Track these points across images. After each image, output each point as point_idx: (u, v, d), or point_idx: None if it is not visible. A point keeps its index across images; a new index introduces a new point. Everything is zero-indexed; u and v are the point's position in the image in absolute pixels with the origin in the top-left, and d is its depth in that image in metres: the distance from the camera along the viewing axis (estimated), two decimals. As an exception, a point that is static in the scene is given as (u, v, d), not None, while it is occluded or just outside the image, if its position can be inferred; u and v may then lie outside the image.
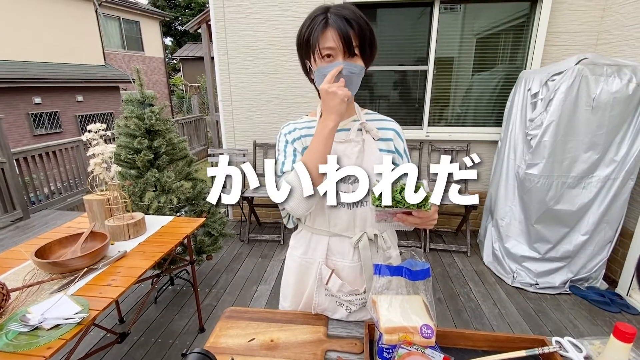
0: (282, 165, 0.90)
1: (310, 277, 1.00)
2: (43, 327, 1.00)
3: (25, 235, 3.33)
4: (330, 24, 0.80)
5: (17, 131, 8.34)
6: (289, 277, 1.05)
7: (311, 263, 0.99)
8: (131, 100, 2.05)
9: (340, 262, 0.97)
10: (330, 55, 0.81)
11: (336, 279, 0.96)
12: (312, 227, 0.98)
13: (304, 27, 0.84)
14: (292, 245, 1.05)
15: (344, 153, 0.90)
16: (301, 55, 0.89)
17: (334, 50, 0.81)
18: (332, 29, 0.79)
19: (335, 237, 0.96)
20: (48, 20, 8.75)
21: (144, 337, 2.03)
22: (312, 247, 0.98)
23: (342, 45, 0.80)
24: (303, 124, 0.96)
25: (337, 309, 1.01)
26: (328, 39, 0.80)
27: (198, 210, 2.32)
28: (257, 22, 3.16)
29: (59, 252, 1.42)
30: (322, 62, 0.83)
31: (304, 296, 1.02)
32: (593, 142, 2.20)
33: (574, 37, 2.87)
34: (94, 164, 1.52)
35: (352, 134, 0.92)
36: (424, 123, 3.29)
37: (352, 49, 0.82)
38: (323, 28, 0.80)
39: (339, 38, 0.79)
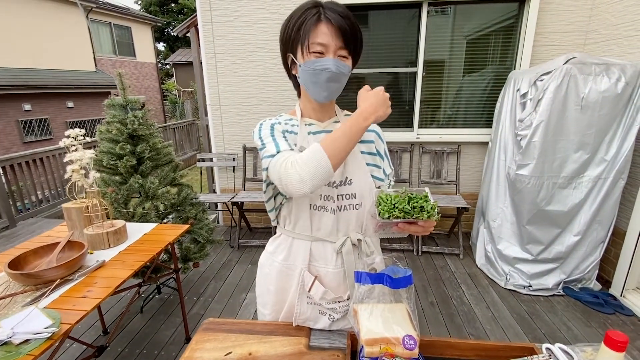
0: (276, 146, 0.79)
1: (291, 284, 0.96)
2: (12, 342, 0.95)
3: (10, 245, 3.24)
4: (325, 18, 0.76)
5: (7, 138, 8.21)
6: (268, 285, 1.00)
7: (292, 269, 0.95)
8: (113, 105, 2.00)
9: (323, 268, 0.93)
10: (320, 52, 0.78)
11: (319, 286, 0.92)
12: (293, 231, 0.94)
13: (293, 18, 0.79)
14: (271, 251, 1.00)
15: None
16: (285, 48, 0.85)
17: (325, 46, 0.77)
18: (327, 24, 0.76)
19: (317, 242, 0.92)
20: (38, 26, 8.66)
21: (128, 348, 1.97)
22: (294, 252, 0.94)
23: (337, 42, 0.77)
24: (284, 121, 0.90)
25: (320, 317, 0.97)
26: (321, 33, 0.76)
27: (184, 217, 2.27)
28: (244, 25, 3.13)
29: (34, 262, 1.36)
30: (310, 56, 0.78)
31: (285, 304, 0.98)
32: (583, 142, 2.19)
33: (563, 37, 2.87)
34: (71, 170, 1.47)
35: None
36: (414, 125, 3.27)
37: (345, 49, 0.79)
38: (316, 21, 0.76)
39: (334, 34, 0.76)
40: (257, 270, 1.06)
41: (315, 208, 0.88)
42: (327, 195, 0.87)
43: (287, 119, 0.92)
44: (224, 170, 3.58)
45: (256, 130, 0.88)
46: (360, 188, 0.89)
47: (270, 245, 1.01)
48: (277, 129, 0.85)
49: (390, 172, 0.98)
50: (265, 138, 0.83)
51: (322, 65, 0.77)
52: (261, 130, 0.86)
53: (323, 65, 0.77)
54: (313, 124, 0.91)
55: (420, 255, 3.03)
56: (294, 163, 0.72)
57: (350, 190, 0.88)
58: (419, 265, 2.87)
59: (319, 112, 0.91)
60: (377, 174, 0.93)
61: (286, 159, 0.74)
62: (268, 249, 1.02)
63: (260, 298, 1.05)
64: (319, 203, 0.88)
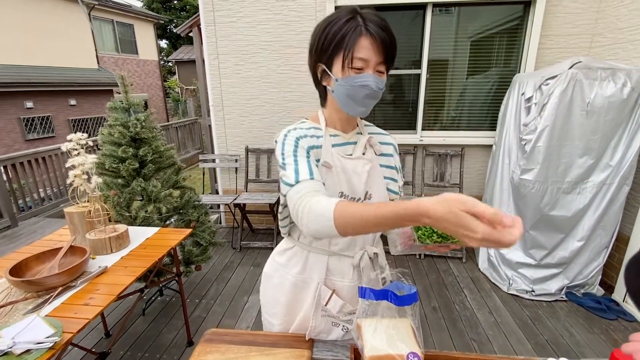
0: (295, 173, 0.75)
1: (305, 297, 0.94)
2: (13, 352, 0.95)
3: (13, 244, 3.25)
4: (367, 31, 0.71)
5: (9, 136, 8.23)
6: (278, 296, 0.98)
7: (308, 283, 0.93)
8: (116, 108, 1.99)
9: (340, 282, 0.92)
10: (360, 68, 0.73)
11: (337, 300, 0.91)
12: (309, 245, 0.92)
13: (330, 27, 0.73)
14: (283, 263, 0.97)
15: (354, 171, 0.84)
16: (317, 58, 0.79)
17: (366, 62, 0.73)
18: (370, 38, 0.71)
19: (334, 256, 0.91)
20: (39, 23, 8.65)
21: (130, 351, 1.97)
22: (309, 266, 0.93)
23: (378, 57, 0.73)
24: (308, 131, 0.85)
25: (333, 329, 0.96)
26: (362, 47, 0.72)
27: (187, 220, 2.26)
28: (247, 26, 3.12)
29: (36, 268, 1.36)
30: (350, 72, 0.74)
31: (297, 317, 0.97)
32: (588, 147, 2.17)
33: (568, 40, 2.84)
34: (73, 175, 1.47)
35: (359, 148, 0.87)
36: (417, 127, 3.25)
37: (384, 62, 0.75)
38: (360, 35, 0.71)
39: (376, 49, 0.72)
40: (263, 280, 1.04)
41: None
42: None
43: (311, 128, 0.86)
44: (227, 171, 3.57)
45: (279, 140, 0.82)
46: (378, 202, 0.87)
47: (280, 256, 0.99)
48: (302, 146, 0.80)
49: (402, 185, 0.97)
50: (287, 157, 0.78)
51: (362, 81, 0.74)
52: (285, 145, 0.80)
53: (363, 81, 0.74)
54: (337, 135, 0.88)
55: (422, 259, 3.02)
56: (307, 212, 0.68)
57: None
58: (421, 268, 2.86)
59: (345, 123, 0.88)
60: (392, 187, 0.92)
61: (301, 199, 0.70)
62: (278, 260, 0.99)
63: (268, 308, 1.02)
64: None
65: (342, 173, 0.84)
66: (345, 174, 0.84)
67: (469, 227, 0.48)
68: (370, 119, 3.30)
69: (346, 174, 0.84)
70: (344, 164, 0.84)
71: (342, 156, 0.84)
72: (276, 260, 1.00)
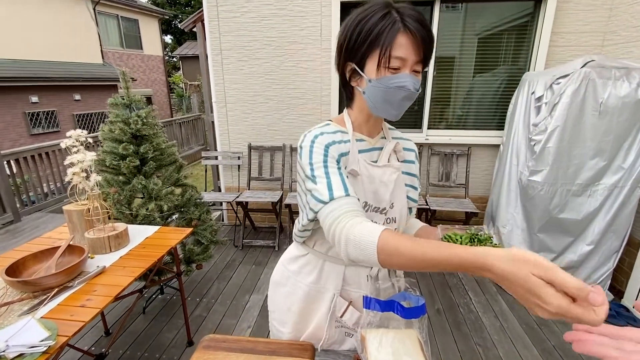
0: (328, 189, 0.69)
1: (319, 307, 0.90)
2: (6, 356, 0.92)
3: (15, 240, 3.25)
4: (405, 27, 0.65)
5: (15, 130, 8.27)
6: (289, 304, 0.94)
7: (323, 293, 0.89)
8: (116, 104, 1.96)
9: (356, 292, 0.88)
10: (397, 68, 0.68)
11: (354, 312, 0.87)
12: (326, 254, 0.87)
13: (367, 23, 0.67)
14: (295, 271, 0.93)
15: (382, 180, 0.79)
16: (347, 57, 0.73)
17: (403, 61, 0.67)
18: (408, 35, 0.65)
19: (351, 266, 0.87)
20: (45, 18, 8.66)
21: (129, 350, 1.95)
22: (325, 275, 0.88)
23: (416, 56, 0.67)
24: (335, 136, 0.77)
25: (346, 340, 0.92)
26: (400, 46, 0.66)
27: (188, 218, 2.24)
28: (251, 22, 3.07)
29: (33, 267, 1.33)
30: (386, 72, 0.68)
31: (309, 326, 0.93)
32: (600, 149, 2.11)
33: (580, 38, 2.77)
34: (71, 173, 1.44)
35: (385, 155, 0.82)
36: (423, 126, 3.20)
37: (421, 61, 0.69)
38: (397, 31, 0.65)
39: (414, 47, 0.66)
40: (272, 287, 1.00)
41: None
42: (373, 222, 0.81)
43: (338, 132, 0.79)
44: (229, 168, 3.54)
45: (306, 145, 0.75)
46: (400, 211, 0.83)
47: (292, 264, 0.94)
48: (332, 154, 0.74)
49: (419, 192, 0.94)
50: (317, 168, 0.72)
51: (399, 82, 0.68)
52: (313, 153, 0.73)
53: (401, 82, 0.68)
54: (363, 139, 0.82)
55: (426, 260, 2.98)
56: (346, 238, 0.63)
57: (392, 214, 0.82)
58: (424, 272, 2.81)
59: (372, 127, 0.83)
60: (412, 195, 0.88)
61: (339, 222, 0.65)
62: (289, 267, 0.94)
63: (277, 315, 0.98)
64: None
65: (368, 182, 0.78)
66: (372, 184, 0.79)
67: (541, 297, 0.41)
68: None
69: (373, 183, 0.79)
70: (370, 172, 0.78)
71: (369, 163, 0.79)
72: (287, 268, 0.95)
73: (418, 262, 0.54)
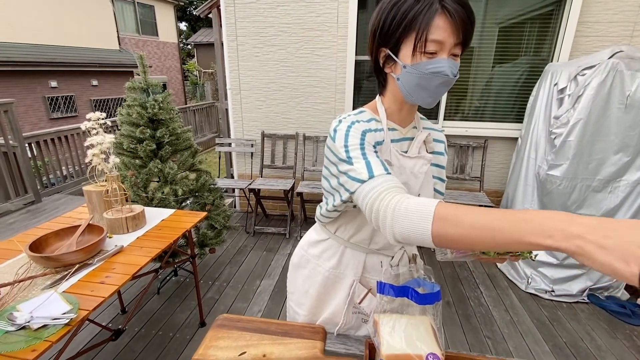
0: (368, 168, 0.65)
1: (338, 292, 0.91)
2: (30, 326, 0.96)
3: (36, 220, 3.36)
4: (443, 8, 0.61)
5: (35, 114, 8.49)
6: (308, 287, 0.95)
7: (341, 278, 0.90)
8: (134, 88, 1.99)
9: (375, 280, 0.89)
10: (433, 52, 0.64)
11: (372, 299, 0.88)
12: (348, 240, 0.87)
13: (402, 6, 0.64)
14: (316, 255, 0.93)
15: (412, 171, 0.78)
16: (381, 42, 0.70)
17: (441, 44, 0.63)
18: (446, 16, 0.62)
19: (373, 254, 0.87)
20: (65, 3, 8.77)
21: (144, 329, 2.01)
22: (345, 262, 0.89)
23: (455, 39, 0.63)
24: (370, 124, 0.75)
25: (362, 326, 0.93)
26: (437, 28, 0.62)
27: (202, 203, 2.27)
28: (267, 7, 3.04)
29: (55, 244, 1.38)
30: (422, 57, 0.65)
31: (326, 310, 0.94)
32: (624, 144, 2.04)
33: (608, 28, 2.65)
34: (91, 154, 1.47)
35: (416, 146, 0.79)
36: (439, 117, 3.14)
37: (461, 44, 0.65)
38: (435, 13, 0.61)
39: (453, 30, 0.62)
40: (291, 269, 1.01)
41: None
42: None
43: (372, 121, 0.77)
44: (242, 155, 3.56)
45: (342, 129, 0.71)
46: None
47: (313, 248, 0.94)
48: (369, 141, 0.71)
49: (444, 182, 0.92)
50: (352, 150, 0.68)
51: (437, 67, 0.65)
52: (349, 136, 0.70)
53: (438, 68, 0.65)
54: (395, 129, 0.80)
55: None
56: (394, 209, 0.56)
57: None
58: (436, 263, 2.80)
59: (405, 115, 0.80)
60: (439, 188, 0.87)
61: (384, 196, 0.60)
62: (310, 251, 0.95)
63: (295, 297, 1.00)
64: None
65: (398, 173, 0.76)
66: (402, 174, 0.77)
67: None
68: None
69: (403, 174, 0.77)
70: (402, 163, 0.77)
71: (400, 154, 0.77)
72: (308, 251, 0.96)
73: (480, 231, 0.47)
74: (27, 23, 8.03)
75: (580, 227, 0.39)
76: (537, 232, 0.42)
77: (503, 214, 0.47)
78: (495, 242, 0.47)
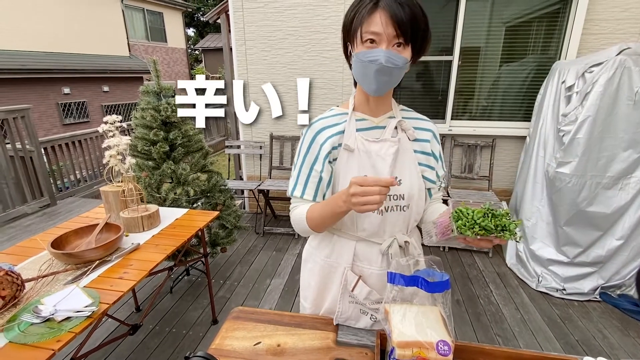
0: (293, 188, 0.89)
1: (334, 282, 0.94)
2: (54, 319, 1.01)
3: (52, 222, 3.46)
4: (380, 6, 0.71)
5: (48, 120, 8.70)
6: (310, 279, 0.99)
7: (335, 267, 0.93)
8: (148, 92, 2.05)
9: (367, 269, 0.91)
10: (373, 41, 0.73)
11: (363, 286, 0.90)
12: (338, 229, 0.91)
13: (352, 6, 0.77)
14: (314, 246, 0.98)
15: (378, 154, 0.83)
16: (345, 37, 0.82)
17: (378, 35, 0.72)
18: (382, 12, 0.71)
19: (362, 242, 0.90)
20: (77, 12, 9.00)
21: (159, 326, 2.06)
22: (337, 251, 0.92)
23: (390, 31, 0.71)
24: (330, 120, 0.88)
25: (361, 317, 0.95)
26: (374, 22, 0.71)
27: (213, 203, 2.32)
28: (275, 12, 3.10)
29: (75, 242, 1.43)
30: (362, 47, 0.75)
31: (326, 301, 0.97)
32: (633, 140, 2.03)
33: (616, 25, 2.64)
34: (109, 155, 1.53)
35: (388, 132, 0.85)
36: (447, 116, 3.15)
37: (400, 37, 0.72)
38: (371, 9, 0.72)
39: (387, 23, 0.71)
40: (302, 264, 1.06)
41: None
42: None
43: (338, 115, 0.88)
44: (251, 157, 3.62)
45: (303, 132, 0.90)
46: (410, 189, 0.84)
47: (313, 240, 1.00)
48: (319, 141, 0.85)
49: (443, 174, 0.93)
50: (298, 159, 0.89)
51: (372, 56, 0.73)
52: (303, 141, 0.88)
53: (372, 56, 0.73)
54: (365, 119, 0.87)
55: (446, 252, 2.96)
56: (292, 219, 0.88)
57: (398, 191, 0.84)
58: (445, 261, 2.80)
59: (373, 105, 0.87)
60: (428, 175, 0.88)
61: (293, 209, 0.90)
62: (311, 242, 1.01)
63: (302, 291, 1.05)
64: None
65: (366, 157, 0.82)
66: (369, 158, 0.83)
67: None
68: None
69: (370, 157, 0.82)
70: (367, 147, 0.82)
71: (367, 139, 0.83)
72: (310, 244, 1.01)
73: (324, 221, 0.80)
74: (41, 32, 8.26)
75: (344, 195, 0.71)
76: (339, 205, 0.74)
77: (327, 204, 0.78)
78: (331, 219, 0.79)
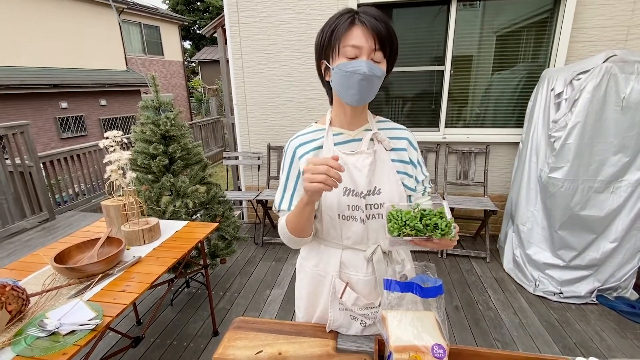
0: (280, 202, 0.93)
1: (323, 290, 0.97)
2: (59, 332, 1.03)
3: (52, 236, 3.46)
4: (360, 21, 0.76)
5: (46, 135, 8.72)
6: (301, 289, 1.03)
7: (323, 276, 0.96)
8: (147, 107, 2.09)
9: (354, 276, 0.93)
10: (354, 57, 0.77)
11: (351, 293, 0.93)
12: (325, 239, 0.95)
13: (328, 24, 0.80)
14: (304, 256, 1.02)
15: (355, 166, 0.87)
16: (319, 55, 0.85)
17: (359, 49, 0.76)
18: (362, 27, 0.76)
19: (348, 250, 0.93)
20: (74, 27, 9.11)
21: (159, 339, 2.06)
22: (325, 259, 0.95)
23: (370, 44, 0.76)
24: (308, 136, 0.93)
25: (352, 323, 0.97)
26: (355, 36, 0.76)
27: (212, 215, 2.34)
28: (270, 26, 3.17)
29: (77, 256, 1.45)
30: (342, 60, 0.78)
31: (317, 309, 1.00)
32: (623, 145, 2.08)
33: (602, 33, 2.72)
34: (110, 170, 1.56)
35: (364, 144, 0.88)
36: (440, 124, 3.21)
37: (379, 51, 0.78)
38: (350, 25, 0.77)
39: (368, 36, 0.76)
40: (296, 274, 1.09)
41: (344, 218, 0.88)
42: (355, 205, 0.87)
43: (316, 131, 0.93)
44: (249, 168, 3.65)
45: (285, 148, 0.96)
46: (390, 197, 0.87)
47: (303, 250, 1.03)
48: (298, 154, 0.91)
49: (425, 178, 0.96)
50: (282, 174, 0.94)
51: (355, 67, 0.76)
52: (285, 157, 0.94)
53: (355, 67, 0.76)
54: (342, 133, 0.91)
55: (444, 258, 2.98)
56: (279, 230, 0.93)
57: (379, 199, 0.87)
58: (443, 268, 2.83)
59: (350, 119, 0.90)
60: (407, 183, 0.91)
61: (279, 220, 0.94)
62: (301, 253, 1.04)
63: (296, 301, 1.08)
64: (347, 213, 0.88)
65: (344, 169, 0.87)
66: (347, 170, 0.86)
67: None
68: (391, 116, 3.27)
69: (348, 169, 0.86)
70: (345, 160, 0.86)
71: (344, 152, 0.87)
72: (300, 255, 1.04)
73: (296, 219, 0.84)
74: (39, 48, 8.34)
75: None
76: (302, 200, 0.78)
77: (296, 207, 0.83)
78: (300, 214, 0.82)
